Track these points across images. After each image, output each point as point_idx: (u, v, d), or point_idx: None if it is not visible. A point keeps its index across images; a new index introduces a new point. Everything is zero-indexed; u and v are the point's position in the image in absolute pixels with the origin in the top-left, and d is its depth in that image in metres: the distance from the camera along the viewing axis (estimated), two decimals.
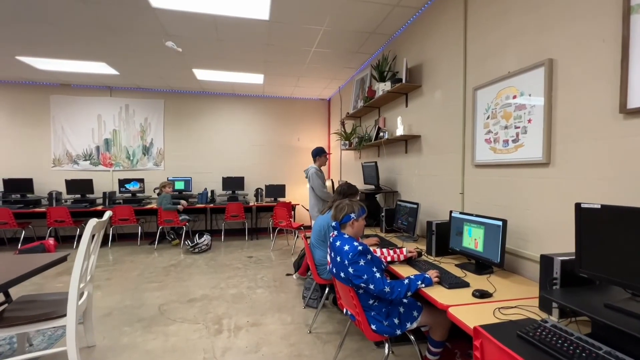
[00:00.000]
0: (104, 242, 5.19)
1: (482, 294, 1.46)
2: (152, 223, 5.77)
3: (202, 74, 5.00)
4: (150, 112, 5.91)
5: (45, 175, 5.50)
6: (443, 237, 2.14)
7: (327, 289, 2.47)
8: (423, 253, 2.16)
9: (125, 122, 5.84)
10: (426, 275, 1.59)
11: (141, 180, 5.65)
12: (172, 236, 5.32)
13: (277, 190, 6.08)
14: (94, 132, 5.72)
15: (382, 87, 3.37)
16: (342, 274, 1.61)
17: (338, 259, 1.63)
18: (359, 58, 4.30)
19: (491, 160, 2.07)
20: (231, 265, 4.17)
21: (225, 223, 5.60)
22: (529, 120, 1.77)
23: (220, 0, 2.88)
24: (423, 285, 1.56)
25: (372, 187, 3.65)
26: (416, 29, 3.10)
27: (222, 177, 5.97)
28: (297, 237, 5.03)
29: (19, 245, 4.64)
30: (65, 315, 1.84)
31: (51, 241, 4.49)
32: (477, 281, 1.66)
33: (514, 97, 1.88)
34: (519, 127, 1.84)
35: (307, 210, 4.97)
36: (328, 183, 4.86)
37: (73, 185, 5.35)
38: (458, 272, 1.79)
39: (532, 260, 1.74)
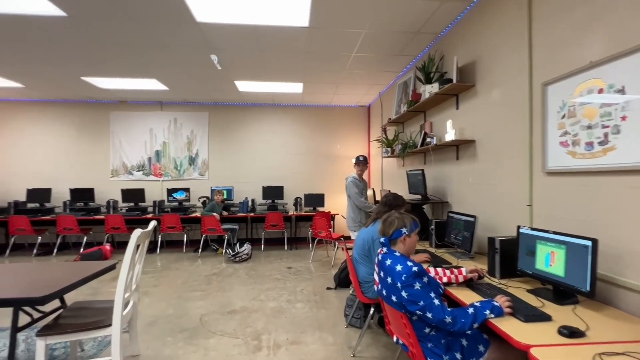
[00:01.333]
0: (154, 249, 5.45)
1: (571, 332, 1.17)
2: (196, 231, 5.97)
3: (244, 86, 5.12)
4: (196, 125, 6.19)
5: (105, 185, 5.97)
6: (509, 256, 1.84)
7: (372, 309, 2.27)
8: (485, 274, 1.88)
9: (174, 134, 6.16)
10: (495, 303, 1.34)
11: (187, 190, 5.89)
12: (216, 246, 5.44)
13: (316, 200, 5.99)
14: (146, 144, 6.11)
15: (429, 90, 3.13)
16: (393, 298, 1.41)
17: (389, 280, 1.44)
18: (401, 61, 4.10)
19: (569, 167, 1.75)
20: (271, 276, 4.11)
21: (265, 232, 5.61)
22: (623, 118, 1.45)
23: (261, 10, 2.89)
24: (492, 316, 1.31)
25: (419, 197, 3.38)
26: (467, 24, 2.84)
27: (262, 187, 6.02)
28: (337, 248, 4.86)
29: (81, 249, 5.03)
30: (111, 325, 1.86)
31: (108, 247, 4.81)
32: (560, 313, 1.36)
33: (600, 91, 1.56)
34: (607, 127, 1.53)
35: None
36: (369, 192, 4.64)
37: (128, 194, 5.73)
38: (532, 300, 1.50)
39: (634, 291, 1.40)
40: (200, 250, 5.33)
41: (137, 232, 1.94)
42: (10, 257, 5.12)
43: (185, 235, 5.56)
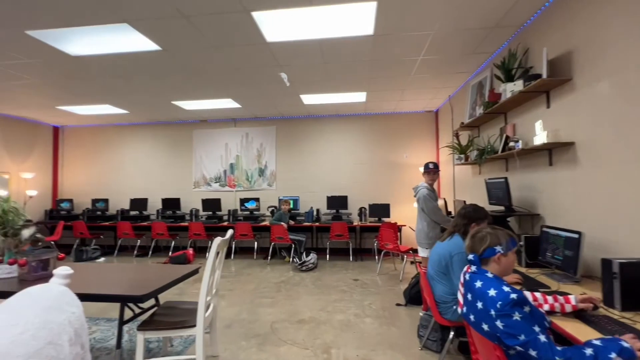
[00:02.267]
0: (228, 255, 5.89)
1: None
2: (265, 239, 6.27)
3: (309, 99, 5.28)
4: (264, 138, 6.59)
5: (188, 195, 6.69)
6: (634, 284, 1.49)
7: (451, 333, 2.05)
8: (601, 305, 1.55)
9: (245, 148, 6.65)
10: (624, 344, 1.07)
11: (257, 199, 6.26)
12: (284, 254, 5.65)
13: (381, 210, 5.81)
14: (222, 158, 6.70)
15: (511, 88, 2.80)
16: (483, 326, 1.24)
17: (478, 304, 1.27)
18: (474, 60, 3.78)
19: None
20: (337, 287, 4.07)
21: (329, 242, 5.62)
22: None
23: (327, 24, 2.95)
24: None
25: (502, 208, 3.01)
26: (560, 10, 2.48)
27: (327, 196, 6.08)
28: (405, 261, 4.61)
29: (170, 252, 5.69)
30: (195, 325, 2.01)
31: (191, 251, 5.33)
32: None
33: None
34: None
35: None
36: (440, 202, 4.32)
37: (207, 204, 6.32)
38: None
39: None
40: (269, 257, 5.57)
41: (217, 240, 2.08)
42: (118, 256, 6.04)
43: (255, 243, 5.88)
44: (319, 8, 2.68)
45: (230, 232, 2.39)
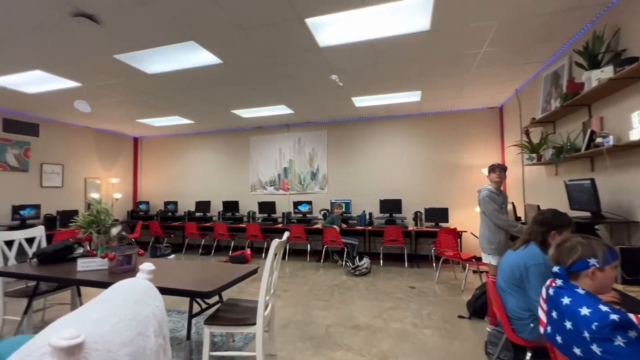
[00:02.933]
0: (282, 256, 6.06)
1: None
2: (318, 242, 6.34)
3: (360, 101, 5.23)
4: (316, 142, 6.69)
5: (246, 198, 7.07)
6: None
7: (528, 354, 1.83)
8: None
9: (298, 152, 6.82)
10: None
11: (310, 203, 6.36)
12: (337, 257, 5.64)
13: (438, 214, 5.49)
14: (276, 162, 6.96)
15: (597, 76, 2.44)
16: (575, 350, 1.07)
17: (567, 324, 1.10)
18: (547, 48, 3.38)
19: None
20: (392, 294, 3.93)
21: (383, 247, 5.47)
22: None
23: (379, 23, 2.89)
24: None
25: (587, 214, 2.62)
26: None
27: (380, 200, 5.94)
28: (468, 271, 4.27)
29: (230, 252, 6.05)
30: (255, 324, 2.09)
31: (248, 251, 5.60)
32: None
33: None
34: None
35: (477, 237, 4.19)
36: (509, 207, 3.92)
37: (263, 206, 6.61)
38: None
39: None
40: (322, 260, 5.61)
41: (275, 242, 2.15)
42: (185, 254, 6.62)
43: (308, 245, 5.97)
44: (371, 8, 2.64)
45: (286, 234, 2.45)
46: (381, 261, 5.50)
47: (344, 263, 5.36)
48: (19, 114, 5.63)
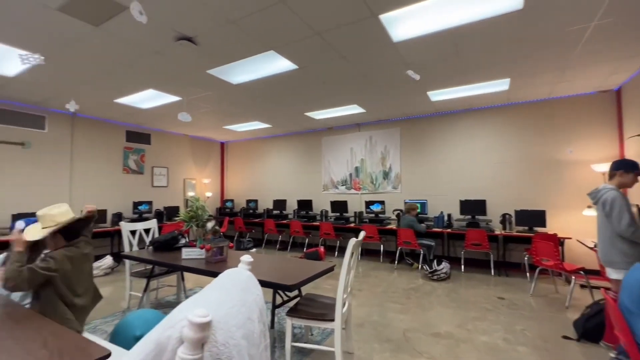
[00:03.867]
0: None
1: None
2: (391, 242, 6.18)
3: (437, 95, 4.92)
4: (388, 140, 6.52)
5: (319, 198, 7.30)
6: None
7: None
8: None
9: (370, 151, 6.74)
10: None
11: (382, 202, 6.23)
12: (410, 260, 5.42)
13: (533, 218, 4.82)
14: (347, 162, 7.01)
15: None
16: None
17: None
18: None
19: None
20: (477, 303, 3.60)
21: (464, 252, 5.04)
22: None
23: (462, 9, 2.67)
24: None
25: None
26: None
27: (460, 200, 5.49)
28: (574, 284, 3.64)
29: (304, 249, 6.32)
30: (333, 320, 2.14)
31: (322, 249, 5.77)
32: None
33: None
34: None
35: (591, 248, 3.55)
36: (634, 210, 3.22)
37: (335, 205, 6.73)
38: None
39: None
40: (396, 262, 5.45)
41: (352, 241, 2.16)
42: (265, 248, 7.15)
43: (381, 246, 5.86)
44: None
45: (362, 233, 2.45)
46: (462, 266, 5.08)
47: (420, 266, 5.11)
48: (137, 126, 6.82)
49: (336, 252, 6.35)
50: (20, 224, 1.87)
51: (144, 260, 3.04)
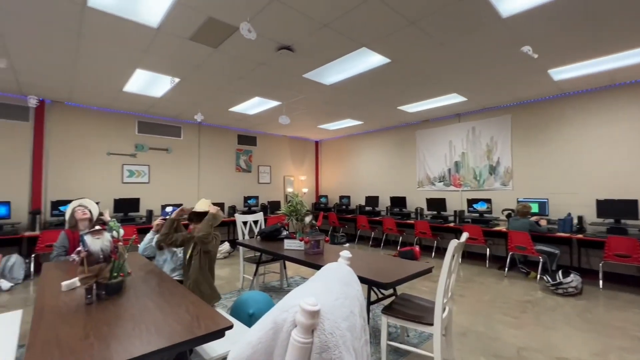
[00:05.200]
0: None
1: None
2: (499, 246, 5.45)
3: (562, 73, 4.08)
4: (495, 131, 5.74)
5: (413, 194, 6.97)
6: None
7: None
8: None
9: (472, 143, 6.07)
10: None
11: (488, 201, 5.55)
12: (525, 268, 4.67)
13: None
14: (446, 156, 6.47)
15: None
16: None
17: None
18: None
19: None
20: (623, 328, 2.86)
21: (603, 263, 4.06)
22: None
23: None
24: None
25: None
26: None
27: (596, 200, 4.44)
28: None
29: (398, 247, 6.15)
30: (432, 324, 2.02)
31: (417, 248, 5.51)
32: None
33: None
34: None
35: None
36: None
37: (431, 203, 6.32)
38: None
39: None
40: (506, 269, 4.78)
41: (454, 242, 2.00)
42: (357, 244, 7.24)
43: (487, 250, 5.23)
44: None
45: (465, 235, 2.24)
46: (600, 282, 4.10)
47: (538, 276, 4.36)
48: (245, 130, 7.79)
49: (433, 253, 5.97)
50: (169, 209, 2.59)
51: (254, 247, 3.47)
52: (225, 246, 6.06)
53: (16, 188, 4.92)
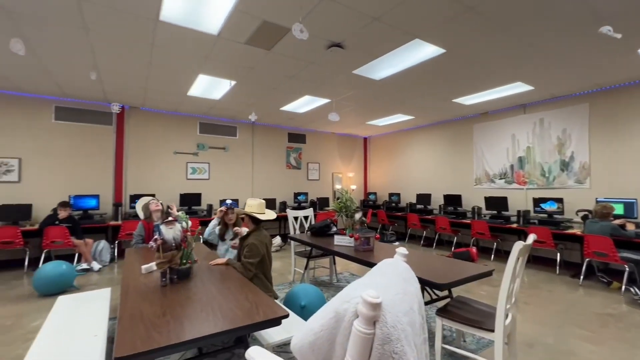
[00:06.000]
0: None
1: None
2: (573, 251, 4.87)
3: None
4: (569, 122, 5.11)
5: (469, 192, 6.54)
6: None
7: None
8: None
9: (539, 137, 5.49)
10: None
11: (559, 200, 4.98)
12: (607, 278, 4.11)
13: None
14: (508, 151, 5.95)
15: None
16: None
17: None
18: None
19: None
20: None
21: None
22: None
23: None
24: None
25: None
26: None
27: None
28: None
29: (452, 248, 5.83)
30: (493, 330, 1.90)
31: (474, 250, 5.17)
32: None
33: None
34: None
35: None
36: None
37: (490, 201, 5.87)
38: None
39: None
40: (582, 277, 4.25)
41: (519, 245, 1.84)
42: (408, 243, 7.03)
43: (558, 254, 4.71)
44: None
45: (532, 237, 2.05)
46: None
47: (623, 287, 3.81)
48: (295, 128, 8.01)
49: (492, 256, 5.54)
50: (228, 201, 2.99)
51: (304, 242, 3.57)
52: (277, 240, 6.32)
53: (103, 183, 5.70)
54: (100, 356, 1.61)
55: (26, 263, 4.66)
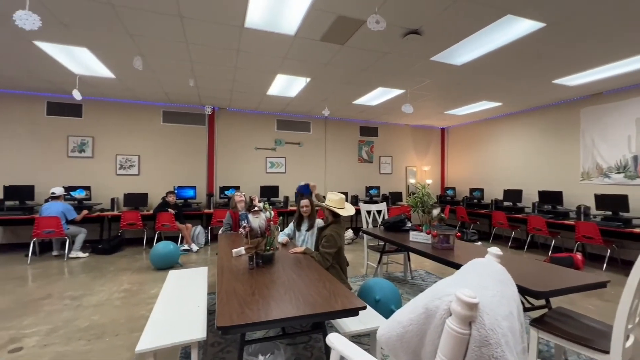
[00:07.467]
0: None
1: None
2: None
3: None
4: None
5: (574, 189, 5.58)
6: None
7: None
8: None
9: None
10: None
11: None
12: None
13: None
14: (629, 139, 4.88)
15: None
16: None
17: None
18: None
19: None
20: None
21: None
22: None
23: None
24: None
25: None
26: None
27: None
28: None
29: (549, 252, 5.08)
30: (607, 352, 1.61)
31: (579, 256, 4.43)
32: None
33: None
34: None
35: None
36: None
37: (603, 200, 4.91)
38: None
39: None
40: None
41: None
42: (492, 243, 6.37)
43: None
44: None
45: None
46: None
47: None
48: (366, 121, 7.92)
49: (604, 265, 4.65)
50: (301, 187, 3.10)
51: (378, 236, 3.54)
52: (349, 233, 6.40)
53: (198, 176, 6.57)
54: (203, 324, 1.88)
55: (144, 241, 5.69)
